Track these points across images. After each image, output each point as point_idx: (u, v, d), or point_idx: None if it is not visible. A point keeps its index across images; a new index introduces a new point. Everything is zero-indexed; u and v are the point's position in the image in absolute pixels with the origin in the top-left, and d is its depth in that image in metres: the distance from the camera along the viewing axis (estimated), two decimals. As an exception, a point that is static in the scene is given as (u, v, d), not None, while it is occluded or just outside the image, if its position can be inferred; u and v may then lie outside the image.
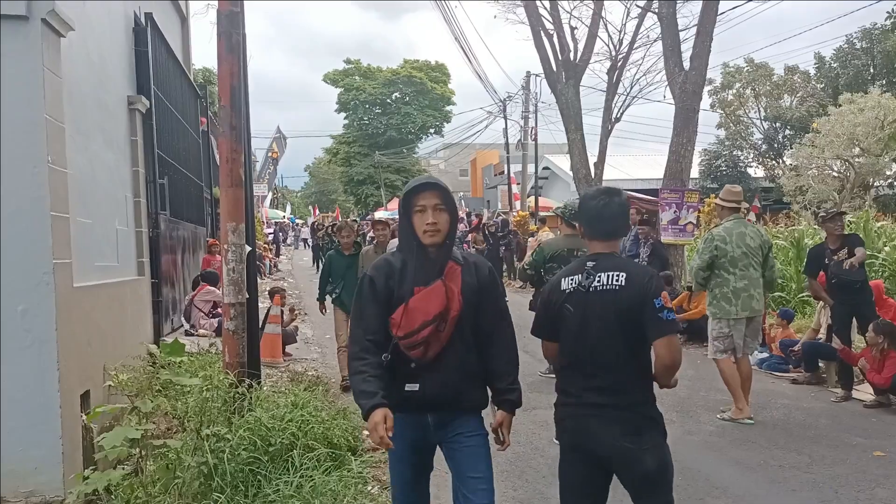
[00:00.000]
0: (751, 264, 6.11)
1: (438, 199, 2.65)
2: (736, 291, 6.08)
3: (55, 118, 4.27)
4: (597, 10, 15.10)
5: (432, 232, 2.62)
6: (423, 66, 48.18)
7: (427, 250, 2.65)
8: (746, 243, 6.12)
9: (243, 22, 4.96)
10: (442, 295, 2.59)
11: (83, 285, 4.84)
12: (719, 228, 6.33)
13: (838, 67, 30.37)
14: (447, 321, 2.60)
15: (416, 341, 2.59)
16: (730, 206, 6.36)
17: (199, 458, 3.71)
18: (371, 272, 2.72)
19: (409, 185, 2.71)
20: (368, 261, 7.03)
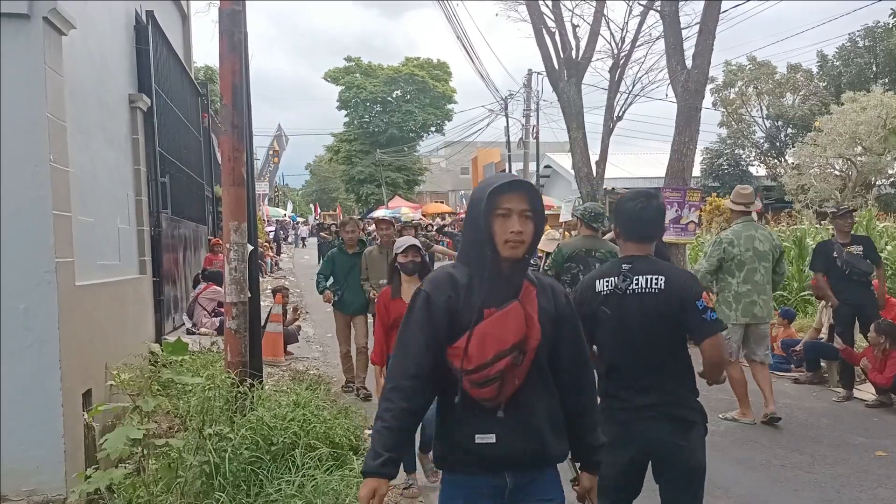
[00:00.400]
0: (757, 269, 5.95)
1: (526, 203, 2.15)
2: (737, 296, 5.95)
3: (57, 117, 4.27)
4: (599, 8, 15.05)
5: (515, 243, 2.11)
6: (424, 64, 48.14)
7: (502, 264, 2.14)
8: (755, 247, 5.96)
9: (245, 20, 4.95)
10: (520, 319, 2.10)
11: (85, 284, 4.84)
12: (728, 231, 6.19)
13: (841, 66, 30.32)
14: (526, 352, 2.11)
15: (488, 376, 2.07)
16: (739, 209, 6.19)
17: (201, 458, 3.71)
18: (428, 287, 2.19)
19: (494, 181, 2.19)
20: (372, 262, 6.83)
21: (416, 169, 48.79)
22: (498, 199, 2.13)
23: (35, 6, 4.08)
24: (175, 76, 9.13)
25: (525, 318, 2.11)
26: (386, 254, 6.55)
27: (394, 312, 4.31)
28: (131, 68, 7.06)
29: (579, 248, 5.65)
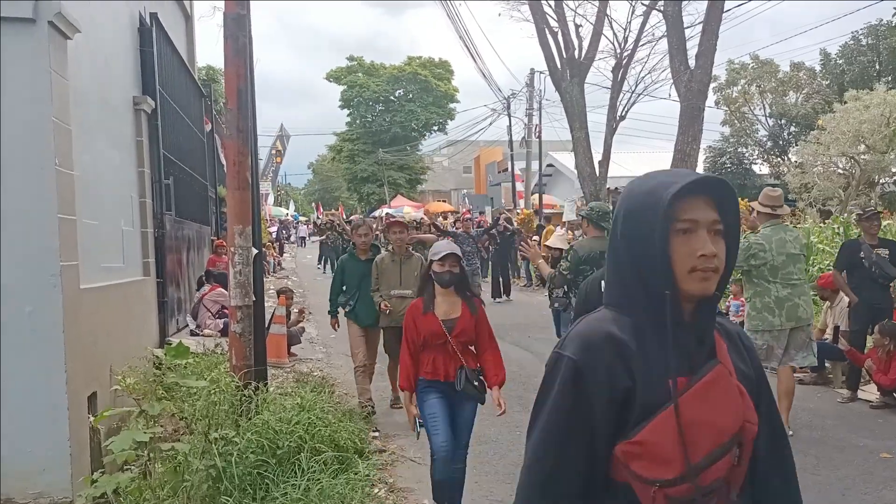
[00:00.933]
0: (793, 271, 5.76)
1: (716, 212, 1.42)
2: (779, 301, 5.70)
3: (62, 120, 4.28)
4: (602, 7, 15.05)
5: (707, 272, 1.38)
6: (426, 63, 48.14)
7: (685, 306, 1.41)
8: (787, 250, 5.73)
9: (250, 25, 4.96)
10: (734, 392, 1.40)
11: (89, 287, 4.85)
12: (757, 235, 5.94)
13: (844, 64, 30.24)
14: (744, 444, 1.41)
15: (703, 486, 1.34)
16: (766, 212, 5.94)
17: (207, 462, 3.72)
18: (576, 352, 1.39)
19: (669, 180, 1.41)
20: (384, 270, 6.22)
21: (419, 168, 48.80)
22: (677, 207, 1.39)
23: (40, 10, 4.09)
24: (179, 78, 9.14)
25: (738, 391, 1.41)
26: (399, 261, 6.22)
27: (424, 330, 3.94)
28: (135, 70, 7.08)
29: (594, 250, 5.48)
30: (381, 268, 6.25)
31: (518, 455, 5.30)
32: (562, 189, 30.48)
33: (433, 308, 3.98)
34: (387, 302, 6.12)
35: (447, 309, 3.96)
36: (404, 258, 6.28)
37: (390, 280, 6.19)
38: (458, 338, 3.93)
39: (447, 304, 3.99)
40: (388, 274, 6.23)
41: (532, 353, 9.26)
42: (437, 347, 3.93)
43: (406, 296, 5.90)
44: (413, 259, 6.35)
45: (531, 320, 11.81)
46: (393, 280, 6.17)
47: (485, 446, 5.57)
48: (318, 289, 17.75)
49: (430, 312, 3.97)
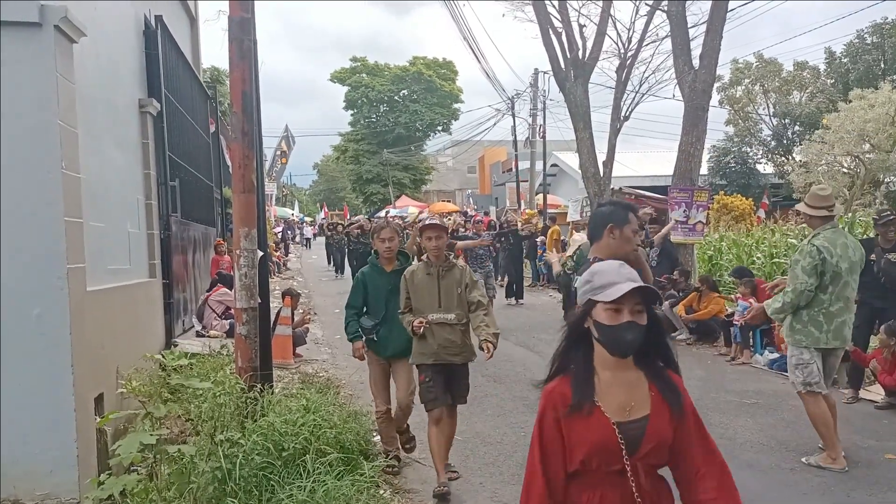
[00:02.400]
0: (849, 283, 5.08)
1: None
2: (829, 316, 5.02)
3: (68, 124, 4.31)
4: (605, 8, 15.05)
5: None
6: (431, 64, 48.17)
7: None
8: (849, 257, 5.06)
9: (254, 28, 4.98)
10: None
11: (96, 289, 4.88)
12: (821, 239, 5.10)
13: (848, 63, 30.16)
14: None
15: None
16: (820, 215, 5.20)
17: (213, 464, 3.74)
18: None
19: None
20: (417, 288, 4.69)
21: (423, 168, 48.84)
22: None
23: (46, 14, 4.12)
24: (184, 80, 9.18)
25: None
26: (437, 274, 4.68)
27: (583, 444, 2.01)
28: (141, 73, 7.11)
29: None
30: (412, 283, 4.71)
31: (523, 456, 5.31)
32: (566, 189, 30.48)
33: (595, 397, 2.05)
34: (422, 319, 4.60)
35: (624, 399, 2.04)
36: (443, 270, 4.71)
37: (425, 300, 4.66)
38: (648, 458, 2.04)
39: (624, 389, 2.06)
40: (422, 292, 4.69)
41: (537, 353, 9.26)
42: (604, 477, 2.04)
43: (448, 321, 4.61)
44: (455, 270, 4.76)
45: (536, 320, 11.82)
46: (429, 300, 4.65)
47: (489, 448, 5.58)
48: (324, 289, 17.79)
49: (589, 406, 2.04)
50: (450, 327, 4.59)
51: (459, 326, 4.64)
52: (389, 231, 5.13)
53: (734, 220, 19.26)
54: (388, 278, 5.02)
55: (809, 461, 5.16)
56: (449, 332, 4.60)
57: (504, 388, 7.42)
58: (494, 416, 6.44)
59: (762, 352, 8.81)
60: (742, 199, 21.08)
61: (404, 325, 4.71)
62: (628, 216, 3.47)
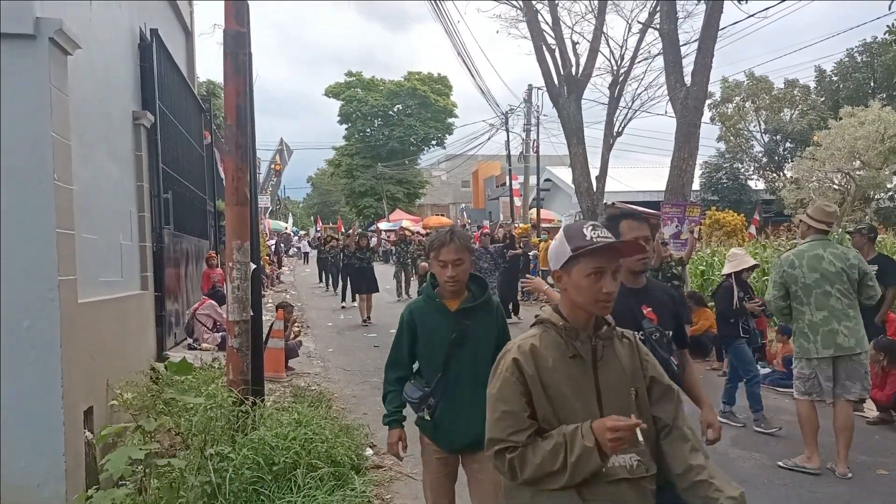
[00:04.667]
0: (830, 293, 5.14)
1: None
2: (813, 326, 5.17)
3: (61, 135, 4.30)
4: (598, 25, 15.19)
5: None
6: (425, 79, 48.41)
7: None
8: (823, 268, 5.16)
9: (249, 42, 5.00)
10: None
11: (87, 301, 4.85)
12: (789, 252, 5.45)
13: (839, 81, 30.48)
14: None
15: None
16: (817, 227, 5.34)
17: (202, 478, 3.71)
18: None
19: None
20: (553, 380, 2.17)
21: (417, 182, 48.94)
22: None
23: (41, 26, 4.12)
24: (178, 92, 9.19)
25: None
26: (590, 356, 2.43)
27: None
28: (135, 85, 7.11)
29: None
30: (542, 371, 2.49)
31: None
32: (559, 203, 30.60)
33: None
34: None
35: None
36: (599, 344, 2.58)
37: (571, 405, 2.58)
38: None
39: None
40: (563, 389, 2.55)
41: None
42: None
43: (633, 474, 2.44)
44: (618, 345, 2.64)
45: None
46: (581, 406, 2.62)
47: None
48: (317, 303, 17.76)
49: None
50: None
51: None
52: (456, 248, 3.08)
53: (726, 236, 19.35)
54: (451, 321, 3.12)
55: (787, 463, 5.38)
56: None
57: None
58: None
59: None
60: (734, 215, 21.19)
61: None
62: (619, 227, 2.99)
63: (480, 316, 3.13)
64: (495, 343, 3.03)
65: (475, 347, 3.08)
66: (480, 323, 3.12)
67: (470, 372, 3.05)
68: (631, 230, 2.98)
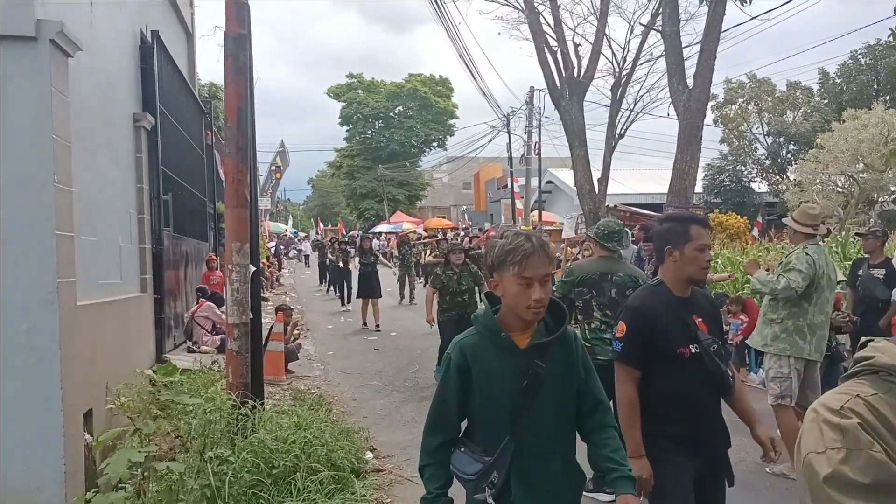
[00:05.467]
0: (829, 299, 5.24)
1: None
2: (812, 327, 5.15)
3: (62, 138, 4.30)
4: (600, 27, 15.17)
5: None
6: (426, 80, 48.44)
7: None
8: (829, 275, 5.22)
9: (250, 44, 4.99)
10: None
11: (87, 303, 4.84)
12: (812, 249, 5.22)
13: (842, 83, 30.45)
14: None
15: None
16: (805, 232, 5.29)
17: (202, 481, 3.69)
18: None
19: None
20: None
21: (418, 184, 48.94)
22: None
23: (42, 28, 4.11)
24: (179, 94, 9.19)
25: None
26: None
27: None
28: (136, 87, 7.11)
29: (592, 272, 4.93)
30: None
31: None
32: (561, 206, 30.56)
33: None
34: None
35: None
36: None
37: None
38: None
39: None
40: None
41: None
42: None
43: None
44: None
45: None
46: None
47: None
48: (317, 305, 17.73)
49: None
50: None
51: None
52: (546, 260, 2.20)
53: (729, 239, 19.31)
54: (521, 362, 2.22)
55: (774, 470, 5.30)
56: None
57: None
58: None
59: (757, 370, 8.79)
60: (737, 218, 21.15)
61: None
62: (689, 231, 2.85)
63: (558, 354, 2.25)
64: (576, 389, 2.29)
65: (553, 397, 2.22)
66: (558, 363, 2.24)
67: (547, 432, 2.22)
68: (699, 236, 2.86)
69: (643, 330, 2.78)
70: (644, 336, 2.77)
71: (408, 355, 10.43)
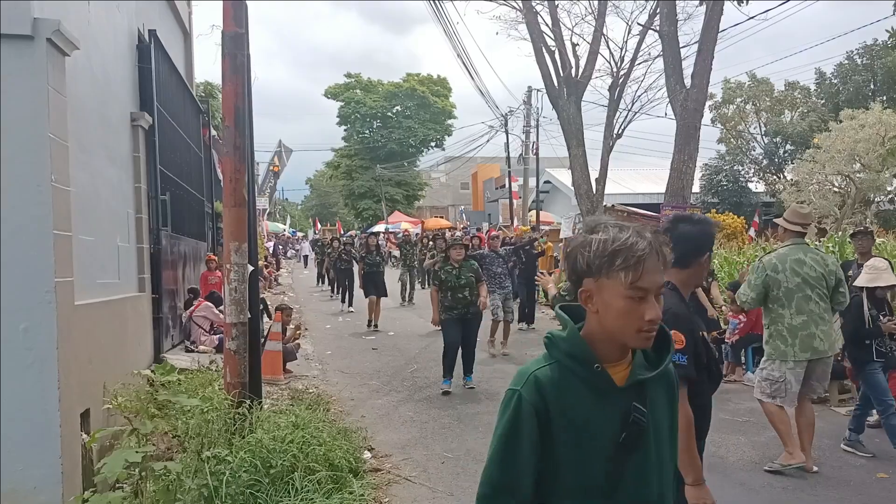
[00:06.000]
0: (810, 297, 5.20)
1: None
2: (792, 330, 5.20)
3: (59, 137, 4.28)
4: (598, 27, 15.18)
5: None
6: (424, 80, 48.44)
7: None
8: (805, 272, 5.21)
9: (248, 43, 4.99)
10: None
11: (84, 303, 4.83)
12: (771, 255, 5.44)
13: (839, 83, 30.50)
14: None
15: None
16: (793, 230, 5.39)
17: (199, 481, 3.69)
18: None
19: None
20: None
21: (416, 184, 48.95)
22: None
23: (39, 27, 4.10)
24: (177, 94, 9.18)
25: None
26: None
27: None
28: (133, 87, 7.10)
29: None
30: None
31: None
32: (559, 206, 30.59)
33: None
34: None
35: None
36: None
37: None
38: None
39: None
40: None
41: (528, 370, 9.22)
42: None
43: None
44: None
45: (528, 337, 11.79)
46: None
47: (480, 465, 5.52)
48: (315, 305, 17.71)
49: None
50: None
51: None
52: (662, 266, 1.62)
53: (726, 239, 19.33)
54: (621, 404, 1.64)
55: (772, 466, 5.30)
56: None
57: (495, 404, 7.38)
58: (486, 433, 6.39)
59: (754, 369, 8.80)
60: (734, 218, 21.19)
61: None
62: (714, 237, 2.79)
63: (658, 393, 1.72)
64: (675, 434, 1.81)
65: (655, 452, 1.68)
66: (659, 406, 1.71)
67: (650, 501, 1.68)
68: None
69: (694, 339, 2.51)
70: (694, 346, 2.50)
71: (406, 355, 10.43)
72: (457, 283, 7.95)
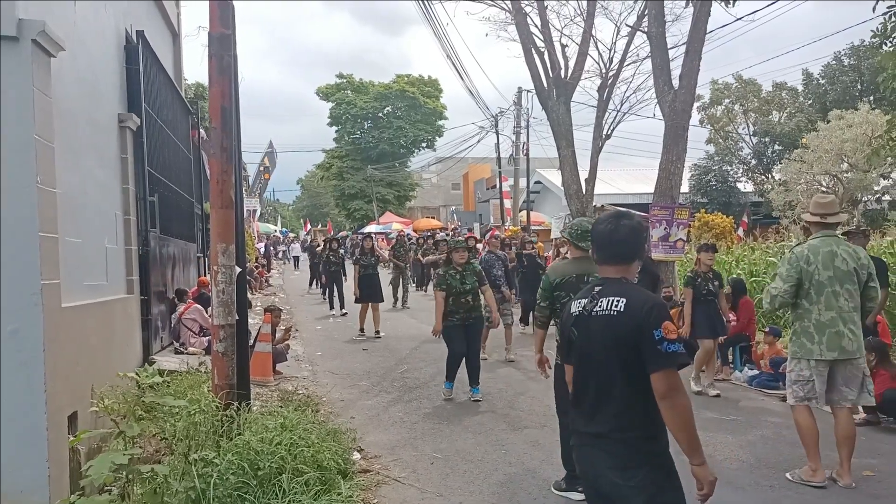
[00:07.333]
0: (840, 293, 4.99)
1: None
2: (820, 326, 4.99)
3: (44, 138, 4.27)
4: (587, 28, 15.22)
5: None
6: (415, 81, 48.42)
7: None
8: (836, 266, 4.99)
9: (235, 44, 4.97)
10: None
11: (72, 305, 4.81)
12: (803, 246, 5.17)
13: (826, 84, 30.71)
14: None
15: None
16: (815, 221, 5.20)
17: (186, 483, 3.68)
18: None
19: None
20: None
21: (407, 185, 48.94)
22: None
23: (24, 28, 4.08)
24: (165, 95, 9.14)
25: None
26: None
27: None
28: (121, 88, 7.07)
29: (569, 274, 4.84)
30: None
31: (504, 474, 5.27)
32: (549, 206, 30.65)
33: None
34: None
35: None
36: None
37: None
38: None
39: None
40: None
41: (520, 370, 9.26)
42: None
43: None
44: None
45: (530, 339, 11.80)
46: None
47: (470, 465, 5.54)
48: (306, 307, 17.66)
49: None
50: None
51: None
52: None
53: (715, 238, 19.44)
54: None
55: (793, 477, 5.18)
56: None
57: (486, 405, 7.40)
58: (476, 433, 6.41)
59: (742, 369, 8.86)
60: (723, 217, 21.29)
61: None
62: None
63: None
64: None
65: None
66: None
67: None
68: None
69: None
70: None
71: (396, 356, 10.43)
72: (461, 287, 7.59)
